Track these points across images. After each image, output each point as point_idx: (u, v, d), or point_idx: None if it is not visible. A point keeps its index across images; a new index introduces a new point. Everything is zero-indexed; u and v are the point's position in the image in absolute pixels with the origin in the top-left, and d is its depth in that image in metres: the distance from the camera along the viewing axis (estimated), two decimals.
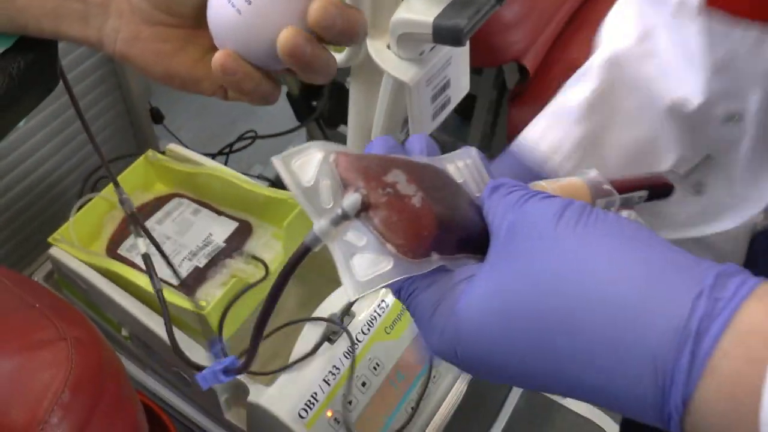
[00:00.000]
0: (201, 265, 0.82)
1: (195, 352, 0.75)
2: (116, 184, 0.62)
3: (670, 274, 0.25)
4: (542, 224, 0.28)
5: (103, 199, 0.90)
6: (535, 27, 0.83)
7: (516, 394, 1.24)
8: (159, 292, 0.67)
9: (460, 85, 0.65)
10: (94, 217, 0.89)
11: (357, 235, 0.28)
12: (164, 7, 0.40)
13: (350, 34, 0.37)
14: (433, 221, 0.29)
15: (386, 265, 0.28)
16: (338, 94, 1.16)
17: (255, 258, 0.82)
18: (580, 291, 0.26)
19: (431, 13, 0.54)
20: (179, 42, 0.41)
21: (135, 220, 0.62)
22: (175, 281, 0.79)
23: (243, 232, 0.87)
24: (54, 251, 0.85)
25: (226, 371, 0.42)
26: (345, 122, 0.73)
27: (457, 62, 0.62)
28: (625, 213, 0.38)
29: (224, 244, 0.85)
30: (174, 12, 0.40)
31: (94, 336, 0.50)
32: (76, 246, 0.85)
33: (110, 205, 0.91)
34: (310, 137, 1.44)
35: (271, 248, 0.85)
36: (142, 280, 0.78)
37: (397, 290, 0.31)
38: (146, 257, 0.68)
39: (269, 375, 0.76)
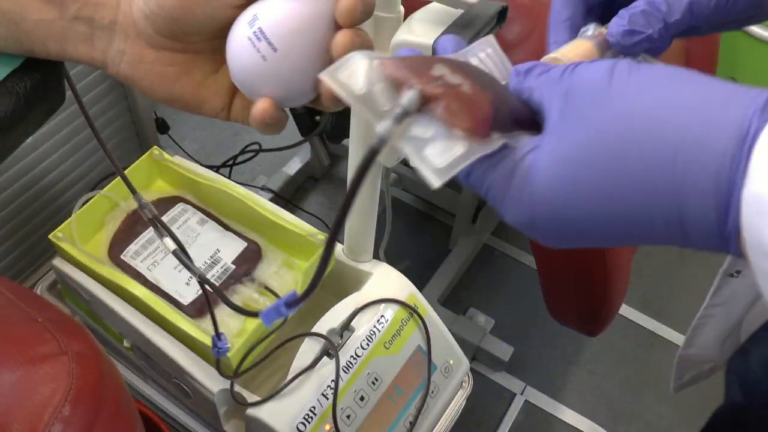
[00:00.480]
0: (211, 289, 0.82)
1: (204, 370, 0.76)
2: (133, 191, 0.61)
3: (725, 97, 0.28)
4: (597, 83, 0.30)
5: (105, 197, 0.90)
6: (536, 47, 0.83)
7: (515, 409, 1.24)
8: (202, 277, 0.63)
9: None
10: (95, 214, 0.89)
11: (422, 129, 0.30)
12: (169, 33, 0.40)
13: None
14: (489, 103, 0.30)
15: (460, 148, 0.29)
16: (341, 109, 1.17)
17: (268, 289, 0.82)
18: (645, 128, 0.28)
19: (431, 36, 0.54)
20: (183, 66, 0.42)
21: (158, 223, 0.62)
22: (184, 301, 0.80)
23: (252, 254, 0.85)
24: (57, 262, 0.86)
25: (288, 304, 0.44)
26: (347, 136, 0.74)
27: None
28: None
29: (233, 266, 0.84)
30: (179, 39, 0.41)
31: (95, 350, 0.51)
32: (77, 247, 0.84)
33: (112, 204, 0.90)
34: (314, 151, 1.45)
35: (281, 278, 0.83)
36: (143, 292, 0.79)
37: (467, 174, 0.32)
38: (176, 253, 0.65)
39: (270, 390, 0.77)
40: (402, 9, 0.60)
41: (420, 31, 0.55)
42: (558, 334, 1.30)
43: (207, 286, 0.64)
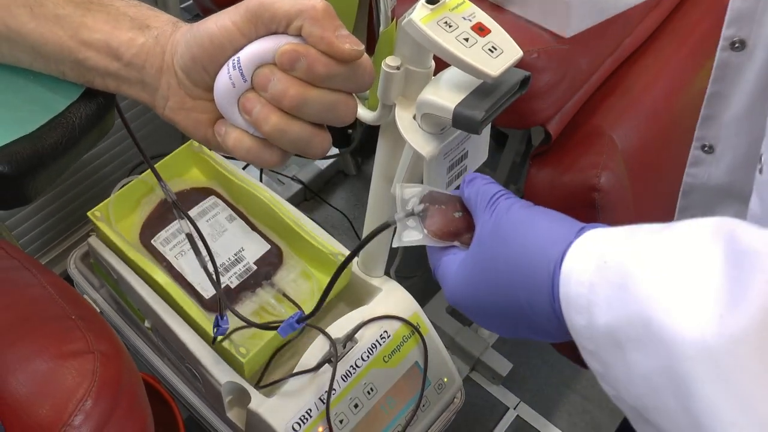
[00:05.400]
0: (232, 286, 0.88)
1: (214, 361, 0.82)
2: (159, 178, 0.66)
3: (552, 232, 0.42)
4: (500, 214, 0.46)
5: (142, 181, 0.96)
6: (563, 94, 0.86)
7: (506, 423, 1.29)
8: (211, 265, 0.68)
9: (479, 155, 0.70)
10: (133, 196, 0.95)
11: (413, 222, 0.51)
12: (203, 85, 0.46)
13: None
14: (459, 227, 0.51)
15: (418, 236, 0.50)
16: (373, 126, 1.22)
17: (285, 296, 0.87)
18: (514, 258, 0.43)
19: (454, 100, 0.58)
20: (215, 114, 0.47)
21: (177, 207, 0.67)
22: (206, 294, 0.85)
23: (274, 258, 0.90)
24: (92, 240, 0.92)
25: (298, 320, 0.59)
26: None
27: (477, 135, 0.67)
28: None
29: (255, 267, 0.89)
30: (211, 89, 0.46)
31: (118, 351, 0.57)
32: (113, 228, 0.90)
33: (148, 188, 0.96)
34: (344, 163, 1.52)
35: (299, 287, 0.89)
36: (165, 281, 0.85)
37: (433, 264, 0.52)
38: (190, 237, 0.69)
39: (271, 386, 0.83)
40: (433, 64, 0.64)
41: (444, 93, 0.59)
42: (559, 356, 1.34)
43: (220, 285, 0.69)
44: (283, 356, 0.90)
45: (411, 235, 0.51)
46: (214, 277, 0.69)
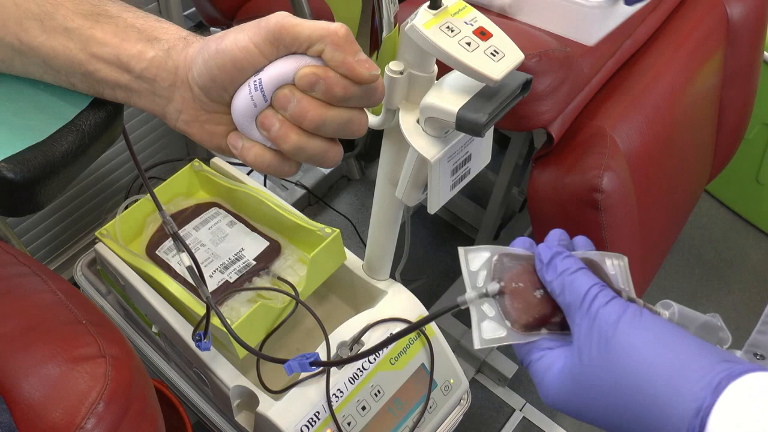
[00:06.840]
0: (231, 281, 0.89)
1: (222, 365, 0.83)
2: (160, 208, 0.68)
3: (689, 371, 0.37)
4: (606, 331, 0.41)
5: (148, 200, 0.97)
6: (565, 97, 0.87)
7: (512, 424, 1.30)
8: (208, 299, 0.72)
9: (482, 158, 0.71)
10: (138, 216, 0.96)
11: (490, 308, 0.45)
12: (220, 101, 0.47)
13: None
14: (544, 310, 0.44)
15: (502, 333, 0.44)
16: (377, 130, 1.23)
17: (282, 279, 0.89)
18: (629, 386, 0.39)
19: (457, 103, 0.59)
20: (230, 126, 0.48)
21: (177, 237, 0.69)
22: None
23: (272, 251, 0.92)
24: (99, 247, 0.93)
25: (313, 363, 0.56)
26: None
27: (480, 138, 0.68)
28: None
29: (254, 262, 0.91)
30: (228, 104, 0.47)
31: (129, 354, 0.58)
32: (119, 243, 0.92)
33: (153, 207, 0.98)
34: (348, 168, 1.52)
35: (295, 272, 0.91)
36: (174, 287, 0.86)
37: (522, 358, 0.46)
38: (191, 269, 0.73)
39: (279, 391, 0.84)
40: (436, 69, 0.65)
41: (448, 97, 0.60)
42: None
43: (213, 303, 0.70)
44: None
45: (493, 331, 0.44)
46: (207, 303, 0.71)
